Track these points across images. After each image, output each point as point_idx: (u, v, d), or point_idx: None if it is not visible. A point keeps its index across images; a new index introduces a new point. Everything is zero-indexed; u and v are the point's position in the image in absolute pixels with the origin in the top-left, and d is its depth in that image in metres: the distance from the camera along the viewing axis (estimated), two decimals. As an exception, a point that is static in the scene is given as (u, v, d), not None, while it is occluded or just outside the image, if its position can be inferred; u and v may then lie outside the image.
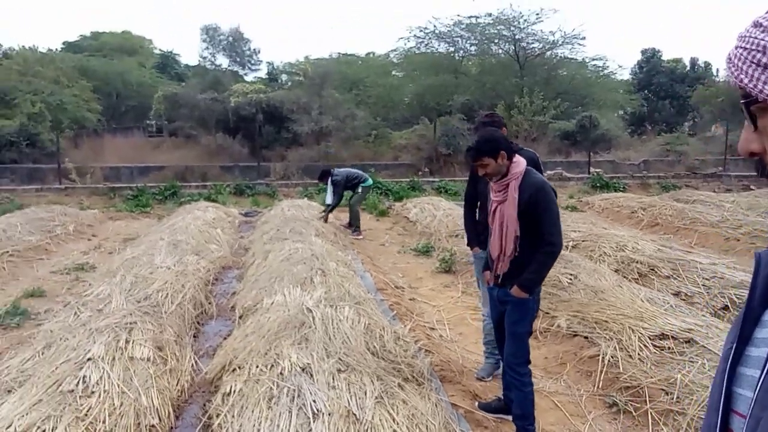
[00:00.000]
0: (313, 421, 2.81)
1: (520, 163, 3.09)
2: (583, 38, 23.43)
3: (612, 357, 3.99)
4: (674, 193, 12.43)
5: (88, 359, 3.61)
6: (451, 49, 25.63)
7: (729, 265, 5.93)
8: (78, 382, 3.33)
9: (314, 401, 2.96)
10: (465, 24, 24.29)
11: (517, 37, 23.78)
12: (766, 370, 0.97)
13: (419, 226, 9.32)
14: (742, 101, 0.86)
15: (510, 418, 3.41)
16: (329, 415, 2.85)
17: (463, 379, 3.93)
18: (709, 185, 15.00)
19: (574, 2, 49.10)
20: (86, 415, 3.06)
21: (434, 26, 24.70)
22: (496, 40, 24.53)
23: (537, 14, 23.25)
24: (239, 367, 3.66)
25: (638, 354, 3.92)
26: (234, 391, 3.35)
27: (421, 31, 24.97)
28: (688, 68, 31.30)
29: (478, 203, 4.14)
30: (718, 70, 31.53)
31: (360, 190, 9.22)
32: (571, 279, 5.42)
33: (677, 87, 29.63)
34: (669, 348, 3.88)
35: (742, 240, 8.07)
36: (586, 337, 4.37)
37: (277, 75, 33.97)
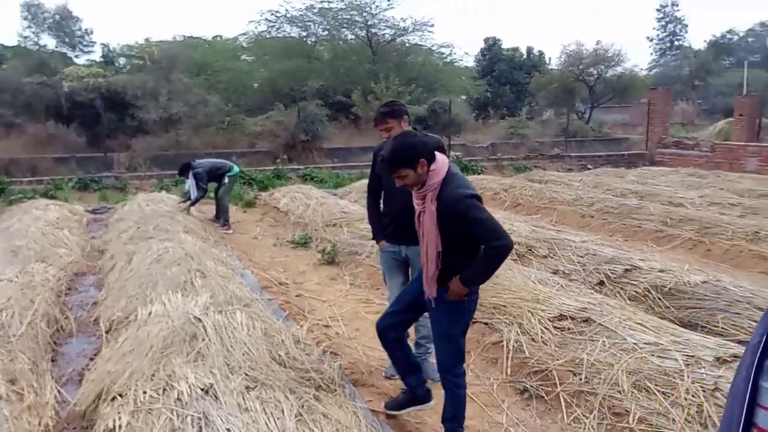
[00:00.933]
0: (232, 455, 2.43)
1: (438, 171, 2.76)
2: (432, 26, 24.16)
3: (516, 342, 4.00)
4: (528, 174, 13.19)
5: None
6: (304, 33, 25.22)
7: (597, 242, 6.30)
8: None
9: (228, 429, 2.58)
10: (317, 8, 23.99)
11: (369, 22, 23.92)
12: None
13: (292, 216, 8.94)
14: None
15: (421, 407, 3.27)
16: (249, 444, 2.49)
17: (374, 380, 3.72)
18: (553, 165, 16.14)
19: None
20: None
21: (286, 10, 24.14)
22: (348, 26, 24.50)
23: (389, 1, 23.50)
24: (121, 395, 3.14)
25: (541, 337, 3.96)
26: (119, 426, 2.85)
27: (272, 14, 24.28)
28: (524, 56, 33.57)
29: (382, 193, 3.93)
30: (550, 58, 34.25)
31: (226, 180, 8.63)
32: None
33: (516, 74, 31.65)
34: (569, 328, 3.97)
35: (596, 216, 8.69)
36: (486, 323, 4.36)
37: (113, 58, 31.13)
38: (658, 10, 51.02)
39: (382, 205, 3.87)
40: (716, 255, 6.75)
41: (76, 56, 33.64)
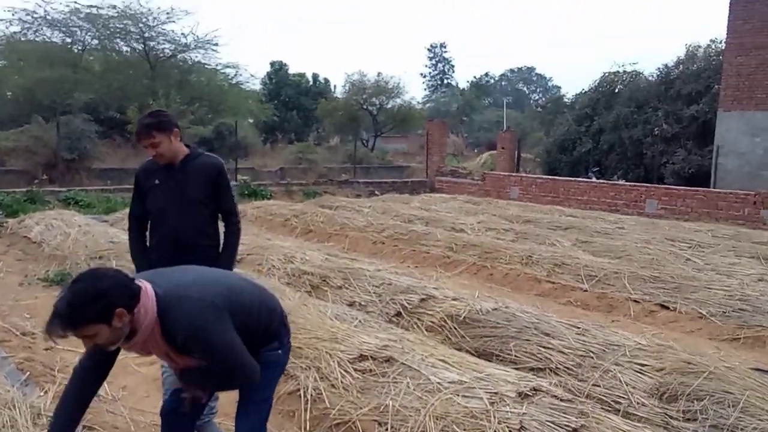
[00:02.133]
0: None
1: (147, 307, 2.03)
2: (216, 44, 23.15)
3: (314, 390, 3.58)
4: (319, 199, 13.03)
5: None
6: (68, 40, 22.57)
7: (391, 271, 6.20)
8: None
9: None
10: (84, 13, 21.58)
11: (146, 35, 22.21)
12: None
13: (47, 248, 7.52)
14: None
15: None
16: None
17: (143, 458, 3.01)
18: (343, 191, 16.29)
19: (208, 7, 49.19)
20: None
21: (45, 11, 21.31)
22: (122, 36, 22.49)
23: (168, 13, 22.02)
24: None
25: (341, 382, 3.59)
26: None
27: (27, 14, 21.27)
28: (311, 83, 34.05)
29: (149, 223, 3.27)
30: (335, 86, 35.18)
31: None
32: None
33: (303, 99, 31.95)
34: (371, 370, 3.65)
35: (386, 243, 8.73)
36: (280, 370, 3.87)
37: None
38: (428, 49, 55.83)
39: (148, 238, 3.22)
40: (497, 279, 7.10)
41: None
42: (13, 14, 21.15)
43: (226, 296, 2.23)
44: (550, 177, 16.95)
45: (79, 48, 22.95)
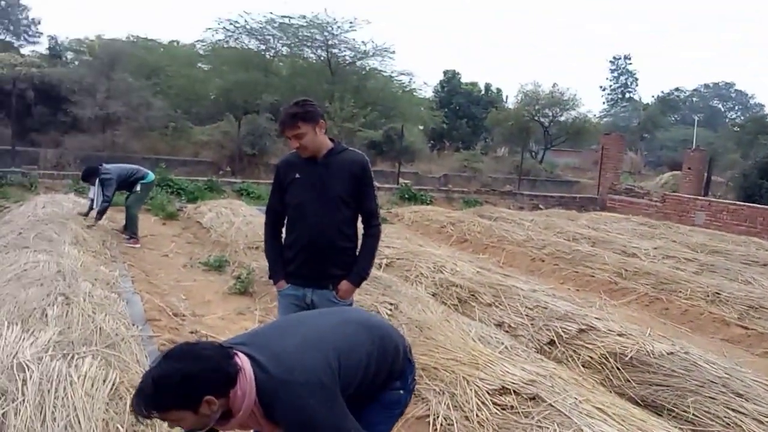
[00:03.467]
0: None
1: (245, 390, 1.76)
2: (393, 52, 23.65)
3: (445, 419, 3.19)
4: (478, 209, 12.58)
5: None
6: (262, 46, 24.45)
7: (548, 292, 5.60)
8: None
9: None
10: (278, 23, 23.27)
11: (329, 42, 23.34)
12: None
13: (213, 234, 7.96)
14: None
15: None
16: None
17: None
18: (504, 202, 15.63)
19: (386, 16, 51.02)
20: None
21: (245, 21, 23.29)
22: (309, 44, 23.88)
23: (350, 23, 22.94)
24: None
25: (477, 415, 3.16)
26: None
27: (231, 24, 23.38)
28: (482, 92, 33.57)
29: (286, 219, 3.09)
30: (507, 96, 34.37)
31: (139, 188, 7.59)
32: (391, 310, 4.59)
33: (473, 108, 31.56)
34: (512, 407, 3.17)
35: (546, 261, 8.05)
36: (411, 389, 3.53)
37: (61, 52, 29.60)
38: (611, 61, 52.58)
39: (285, 235, 3.04)
40: (674, 315, 6.14)
41: (20, 46, 32.03)
42: (218, 24, 23.37)
43: (334, 367, 1.91)
44: (746, 204, 14.82)
45: (271, 54, 24.75)
